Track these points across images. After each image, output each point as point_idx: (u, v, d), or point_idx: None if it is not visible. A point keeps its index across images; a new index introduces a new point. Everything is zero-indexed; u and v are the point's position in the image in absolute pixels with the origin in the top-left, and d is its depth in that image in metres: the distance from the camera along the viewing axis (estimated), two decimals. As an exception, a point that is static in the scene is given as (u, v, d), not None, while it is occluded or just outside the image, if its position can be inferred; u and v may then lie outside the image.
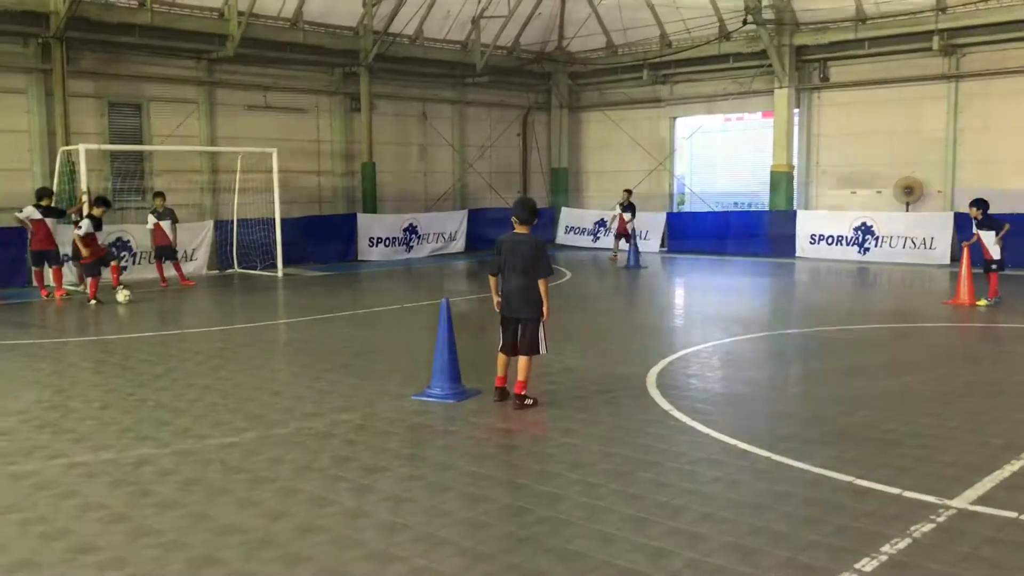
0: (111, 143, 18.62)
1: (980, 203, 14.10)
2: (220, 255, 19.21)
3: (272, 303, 15.16)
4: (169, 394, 8.36)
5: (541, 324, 7.62)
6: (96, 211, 14.99)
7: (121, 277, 15.59)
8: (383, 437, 6.88)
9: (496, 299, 7.82)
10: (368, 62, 22.21)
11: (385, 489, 5.71)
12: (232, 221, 19.28)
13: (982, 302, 13.41)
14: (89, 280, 14.62)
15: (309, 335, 11.66)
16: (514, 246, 7.64)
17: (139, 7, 18.70)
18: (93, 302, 14.25)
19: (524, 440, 6.76)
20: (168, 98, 19.88)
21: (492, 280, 7.90)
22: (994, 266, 13.74)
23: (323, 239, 20.90)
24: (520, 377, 7.61)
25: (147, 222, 16.75)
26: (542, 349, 7.65)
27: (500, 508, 5.37)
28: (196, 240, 18.50)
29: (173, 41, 19.42)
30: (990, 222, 13.85)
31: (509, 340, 7.73)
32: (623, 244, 21.23)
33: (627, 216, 21.12)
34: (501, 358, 7.83)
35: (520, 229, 7.72)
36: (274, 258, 18.74)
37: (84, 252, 14.50)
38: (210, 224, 19.13)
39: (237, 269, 19.15)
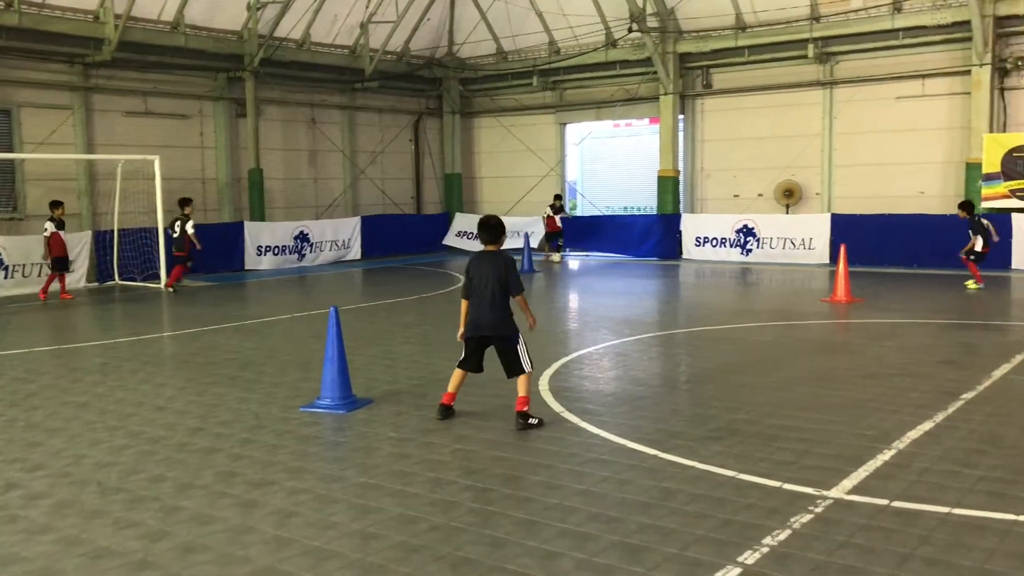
0: (-22, 151, 17.70)
1: (966, 205, 15.93)
2: (99, 267, 18.45)
3: (155, 315, 14.64)
4: (42, 413, 7.96)
5: (518, 341, 7.26)
6: None
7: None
8: (270, 450, 6.71)
9: (460, 330, 7.37)
10: (253, 67, 21.74)
11: (272, 504, 5.58)
12: (112, 231, 18.55)
13: (972, 285, 15.41)
14: None
15: (194, 348, 11.31)
16: (482, 266, 7.29)
17: (6, 8, 17.82)
18: None
19: (416, 449, 6.70)
20: (40, 104, 19.03)
21: (463, 304, 7.38)
22: (972, 256, 15.56)
23: (209, 248, 20.24)
24: (521, 394, 7.17)
25: (44, 231, 16.04)
26: (526, 367, 7.25)
27: (390, 518, 5.31)
28: (74, 251, 17.69)
29: (44, 44, 18.60)
30: (977, 227, 15.54)
31: (473, 361, 7.36)
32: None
33: (557, 218, 22.51)
34: (457, 373, 7.47)
35: (489, 248, 7.39)
36: (157, 269, 18.09)
37: None
38: (89, 235, 18.34)
39: (118, 281, 18.43)
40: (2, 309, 15.06)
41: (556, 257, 22.66)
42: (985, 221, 15.81)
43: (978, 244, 15.49)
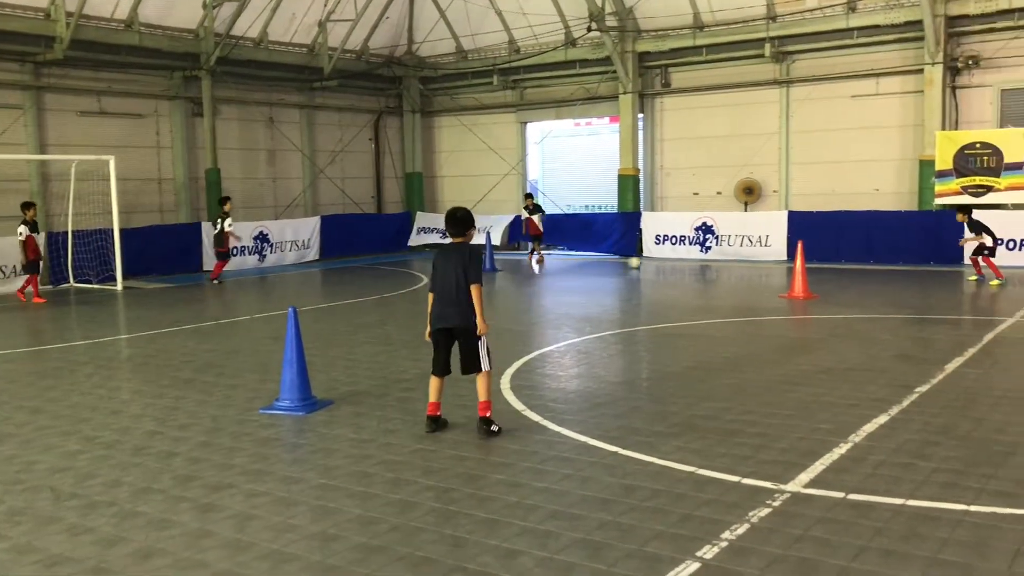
0: (-75, 151, 17.29)
1: (965, 209, 16.21)
2: (53, 269, 18.12)
3: (112, 318, 14.42)
4: (-6, 419, 7.81)
5: (480, 338, 6.98)
6: None
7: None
8: (229, 453, 6.64)
9: (428, 329, 7.17)
10: (210, 66, 21.47)
11: (230, 507, 5.52)
12: (67, 232, 18.23)
13: (995, 283, 15.34)
14: None
15: (151, 350, 11.15)
16: (447, 258, 7.05)
17: (-46, 5, 17.45)
18: None
19: (376, 449, 6.67)
20: (-10, 103, 18.64)
21: (429, 298, 7.17)
22: (986, 251, 15.72)
23: (166, 249, 20.03)
24: (481, 398, 6.98)
25: (19, 234, 15.81)
26: (484, 365, 6.99)
27: (350, 519, 5.28)
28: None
29: (-7, 42, 18.22)
30: (977, 225, 15.68)
31: (441, 359, 7.10)
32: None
33: (536, 219, 21.69)
34: (433, 381, 7.12)
35: (456, 240, 7.16)
36: (113, 271, 17.81)
37: None
38: (42, 237, 17.97)
39: (73, 283, 18.12)
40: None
41: (535, 264, 21.48)
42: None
43: (987, 240, 15.73)
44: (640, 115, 23.36)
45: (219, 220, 18.68)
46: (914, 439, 6.58)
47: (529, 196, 22.42)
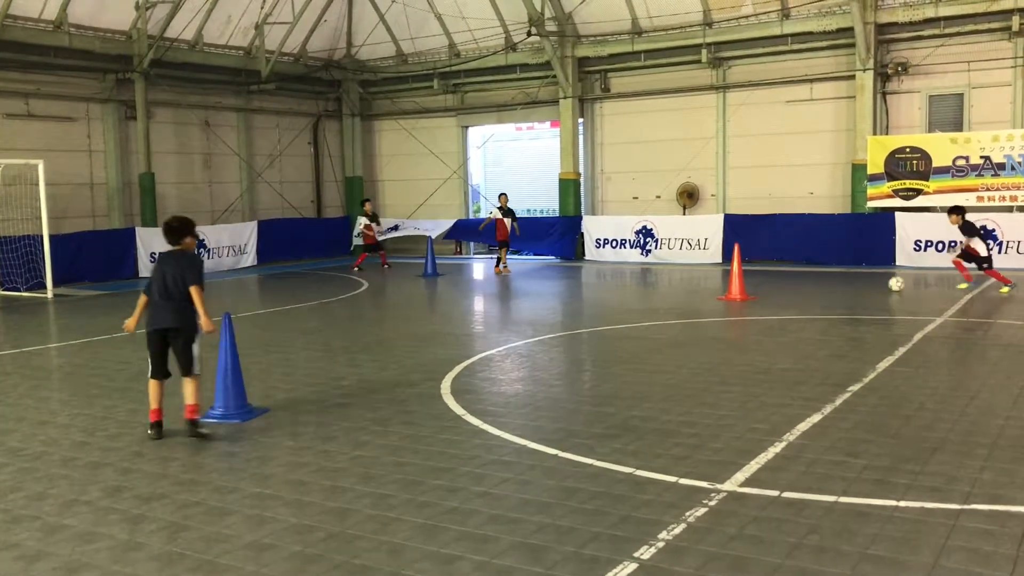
0: None
1: (958, 210, 15.27)
2: (-22, 276, 17.55)
3: (41, 326, 14.02)
4: (-87, 432, 7.52)
5: (195, 341, 7.25)
6: None
7: None
8: (161, 463, 6.49)
9: (131, 320, 7.31)
10: (143, 68, 21.02)
11: (161, 518, 5.39)
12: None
13: (1004, 290, 14.36)
14: None
15: (82, 359, 10.85)
16: (165, 263, 7.27)
17: None
18: None
19: (313, 457, 6.58)
20: (-89, 105, 18.02)
21: (142, 299, 7.31)
22: (985, 264, 14.81)
23: (98, 255, 19.52)
24: (188, 401, 7.15)
25: None
26: (196, 368, 7.24)
27: (286, 528, 5.19)
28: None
29: (-86, 42, 17.62)
30: (970, 228, 14.95)
31: (158, 362, 7.21)
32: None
33: (507, 221, 20.73)
34: (153, 385, 7.18)
35: (175, 249, 7.38)
36: (43, 277, 17.31)
37: None
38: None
39: (0, 291, 17.57)
40: None
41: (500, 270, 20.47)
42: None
43: (981, 248, 14.79)
44: (580, 119, 23.49)
45: (361, 218, 22.42)
46: (846, 437, 6.71)
47: (503, 196, 21.34)
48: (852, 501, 5.38)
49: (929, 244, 18.51)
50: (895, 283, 15.01)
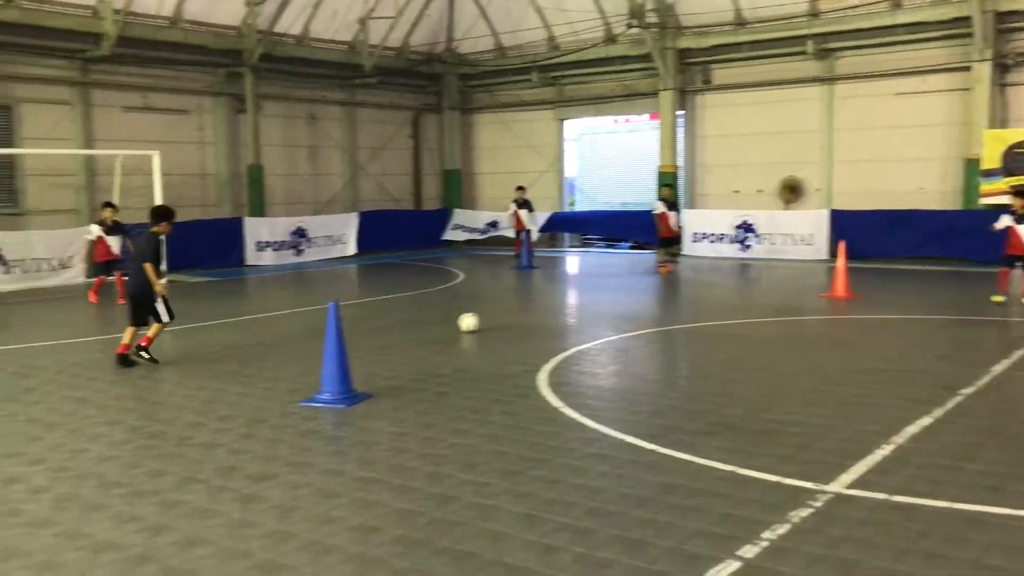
0: (-23, 146, 17.67)
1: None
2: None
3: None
4: (42, 408, 7.97)
5: (157, 300, 9.63)
6: None
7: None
8: (270, 445, 6.72)
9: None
10: (253, 62, 21.70)
11: (272, 498, 5.59)
12: (122, 224, 18.46)
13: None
14: None
15: (193, 343, 11.30)
16: (137, 242, 9.85)
17: (6, 4, 17.78)
18: None
19: (415, 443, 6.71)
20: (40, 99, 18.97)
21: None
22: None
23: (209, 244, 20.28)
24: (149, 334, 9.76)
25: (89, 233, 15.60)
26: (164, 317, 9.72)
27: (390, 512, 5.32)
28: (72, 247, 17.64)
29: (44, 39, 18.52)
30: None
31: (131, 314, 9.74)
32: (532, 237, 21.37)
33: (523, 213, 21.27)
34: (128, 330, 9.70)
35: (152, 229, 9.79)
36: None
37: None
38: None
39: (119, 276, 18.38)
40: (2, 303, 15.07)
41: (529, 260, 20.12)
42: None
43: None
44: (680, 112, 23.20)
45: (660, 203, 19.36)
46: (959, 441, 6.48)
47: (521, 188, 21.81)
48: (965, 507, 5.21)
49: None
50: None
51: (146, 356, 9.65)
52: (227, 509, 5.41)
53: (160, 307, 9.64)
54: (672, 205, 19.31)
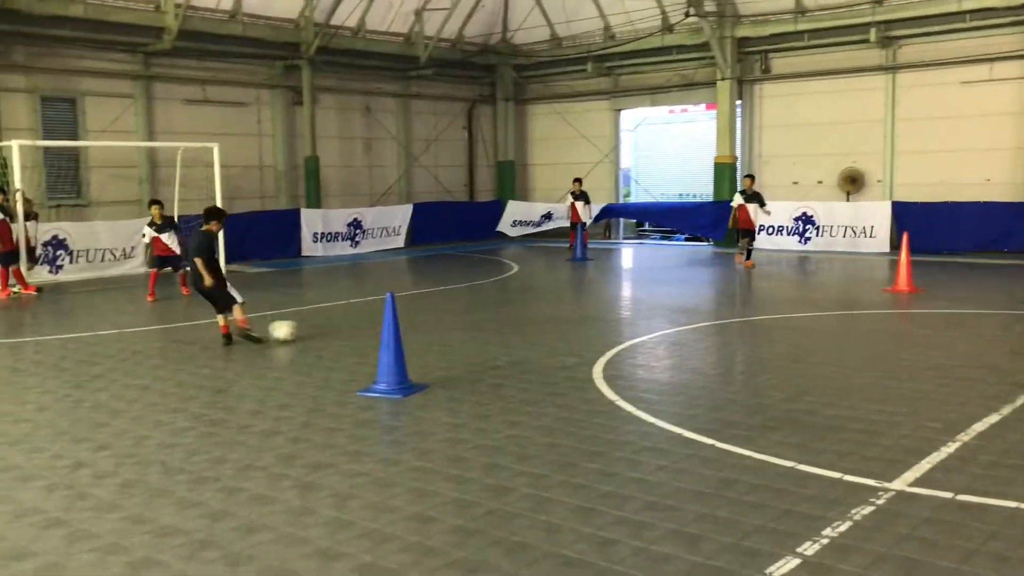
0: (44, 138, 18.12)
1: None
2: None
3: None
4: (107, 395, 8.16)
5: (225, 286, 10.44)
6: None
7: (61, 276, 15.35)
8: (328, 434, 6.79)
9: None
10: (310, 55, 21.93)
11: (330, 486, 5.65)
12: (172, 217, 18.84)
13: None
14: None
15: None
16: (192, 239, 10.70)
17: (71, 0, 18.21)
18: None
19: (470, 434, 6.72)
20: (103, 92, 19.44)
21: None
22: None
23: (266, 234, 20.60)
24: (239, 316, 10.49)
25: (144, 237, 15.13)
26: (238, 298, 10.44)
27: (446, 502, 5.34)
28: (134, 238, 18.02)
29: (107, 34, 18.97)
30: None
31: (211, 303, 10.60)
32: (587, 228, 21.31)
33: (579, 205, 21.24)
34: (219, 317, 10.57)
35: (201, 228, 10.55)
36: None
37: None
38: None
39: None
40: (68, 292, 15.47)
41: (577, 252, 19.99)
42: None
43: None
44: (738, 102, 22.88)
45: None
46: (1028, 440, 6.29)
47: (578, 180, 21.76)
48: (1036, 509, 5.05)
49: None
50: None
51: (253, 336, 10.41)
52: (286, 497, 5.47)
53: (231, 290, 10.45)
54: (752, 196, 18.45)
